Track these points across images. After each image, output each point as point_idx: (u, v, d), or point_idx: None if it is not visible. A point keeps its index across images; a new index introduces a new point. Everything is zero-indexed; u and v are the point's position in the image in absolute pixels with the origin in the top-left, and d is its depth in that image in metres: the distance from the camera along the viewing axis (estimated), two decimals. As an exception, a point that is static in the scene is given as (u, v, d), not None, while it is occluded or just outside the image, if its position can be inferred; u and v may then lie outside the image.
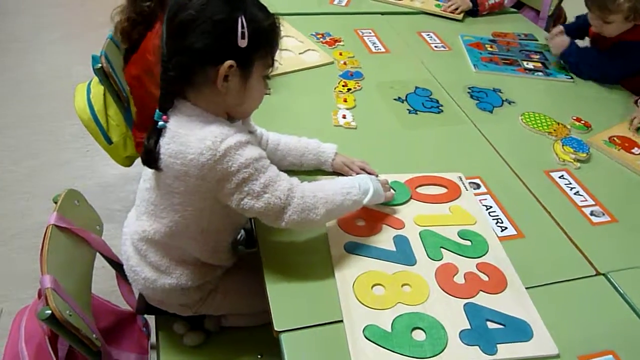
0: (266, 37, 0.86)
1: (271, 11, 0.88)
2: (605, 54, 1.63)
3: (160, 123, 0.85)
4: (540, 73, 1.69)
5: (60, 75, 2.82)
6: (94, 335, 0.89)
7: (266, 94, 1.28)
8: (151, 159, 0.86)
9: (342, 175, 1.12)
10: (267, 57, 0.88)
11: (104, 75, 1.43)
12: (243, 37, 0.80)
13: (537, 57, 1.79)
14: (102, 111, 1.53)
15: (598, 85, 1.65)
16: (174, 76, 0.82)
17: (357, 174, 1.10)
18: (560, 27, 1.83)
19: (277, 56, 0.90)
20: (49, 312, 0.79)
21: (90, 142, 1.94)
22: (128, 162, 1.67)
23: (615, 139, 1.37)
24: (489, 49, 1.80)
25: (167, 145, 0.84)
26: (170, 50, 0.82)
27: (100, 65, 1.41)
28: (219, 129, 0.82)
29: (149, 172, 0.91)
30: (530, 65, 1.73)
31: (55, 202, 0.98)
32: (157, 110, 0.86)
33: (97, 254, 1.09)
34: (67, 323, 0.81)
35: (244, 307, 1.09)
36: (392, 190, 1.08)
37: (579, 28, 1.82)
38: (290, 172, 1.10)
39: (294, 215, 0.86)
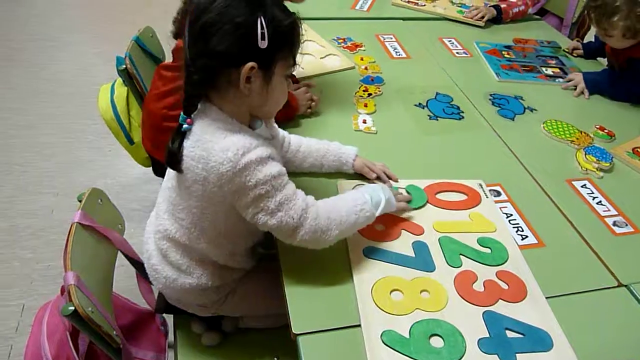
0: (287, 36, 0.86)
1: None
2: (628, 75, 1.58)
3: (185, 126, 0.86)
4: (560, 79, 1.67)
5: (85, 75, 2.87)
6: (115, 333, 0.90)
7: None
8: (174, 161, 0.87)
9: (363, 176, 1.14)
10: (288, 57, 0.88)
11: (127, 77, 1.45)
12: (263, 38, 0.80)
13: (554, 62, 1.78)
14: (124, 112, 1.56)
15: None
16: (197, 79, 0.83)
17: (378, 175, 1.12)
18: (577, 43, 1.84)
19: (298, 56, 0.91)
20: (72, 308, 0.80)
21: (112, 142, 1.97)
22: (149, 162, 1.68)
23: (639, 150, 1.35)
24: (506, 55, 1.78)
25: (190, 148, 0.85)
26: (193, 54, 0.82)
27: (124, 66, 1.44)
28: (242, 140, 0.83)
29: (172, 171, 0.93)
30: (550, 72, 1.71)
31: (80, 201, 1.00)
32: (182, 114, 0.87)
33: (118, 252, 1.10)
34: (89, 319, 0.82)
35: (262, 309, 1.09)
36: (406, 194, 1.09)
37: (597, 48, 1.80)
38: (311, 175, 1.13)
39: (305, 236, 0.87)
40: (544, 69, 1.73)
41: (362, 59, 1.65)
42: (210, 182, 0.84)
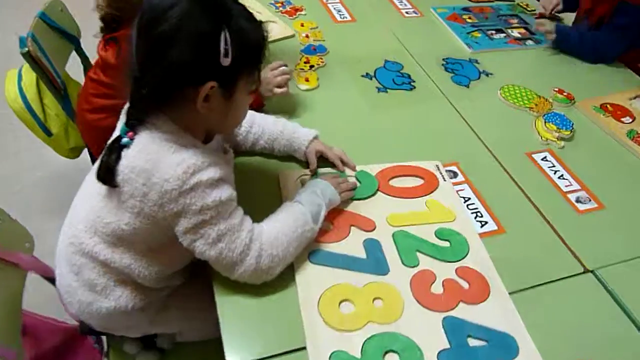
0: (253, 52, 0.76)
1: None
2: (599, 33, 1.47)
3: (125, 139, 0.75)
4: (530, 42, 1.56)
5: (8, 56, 2.58)
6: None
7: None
8: (108, 177, 0.76)
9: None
10: (253, 72, 0.78)
11: (32, 61, 1.25)
12: (226, 55, 0.70)
13: (516, 21, 1.67)
14: (36, 100, 1.36)
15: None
16: (147, 94, 0.72)
17: (332, 163, 1.03)
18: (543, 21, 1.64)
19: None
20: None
21: (37, 131, 1.77)
22: (74, 154, 1.51)
23: (607, 105, 1.29)
24: (469, 20, 1.64)
25: (132, 159, 0.74)
26: (143, 66, 0.71)
27: (27, 49, 1.24)
28: (194, 157, 0.73)
29: None
30: (516, 33, 1.59)
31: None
32: (123, 125, 0.75)
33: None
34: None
35: (198, 322, 0.98)
36: (355, 181, 1.00)
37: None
38: (256, 160, 1.04)
39: (245, 274, 0.78)
40: (509, 30, 1.60)
41: (302, 25, 1.49)
42: (151, 200, 0.73)
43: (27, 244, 0.95)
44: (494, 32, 1.59)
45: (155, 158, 0.73)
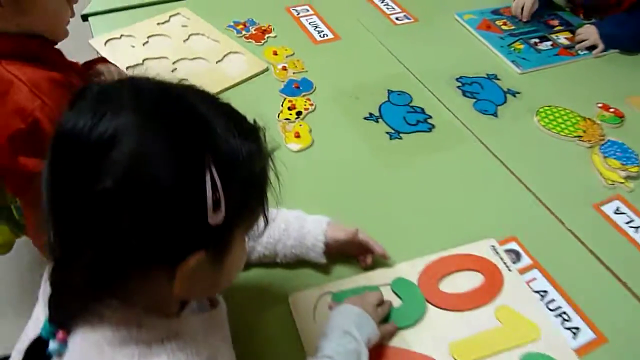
0: (256, 189, 0.48)
1: None
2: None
3: (52, 345, 0.44)
4: (583, 50, 1.26)
5: None
6: None
7: None
8: None
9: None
10: (254, 215, 0.50)
11: None
12: (217, 206, 0.41)
13: (557, 22, 1.35)
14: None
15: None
16: (81, 281, 0.43)
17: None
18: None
19: None
20: None
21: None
22: (4, 250, 1.18)
23: None
24: (505, 27, 1.32)
25: None
26: (68, 244, 0.42)
27: None
28: None
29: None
30: (563, 39, 1.29)
31: None
32: (46, 321, 0.45)
33: None
34: None
35: None
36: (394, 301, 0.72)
37: None
38: (262, 267, 0.75)
39: None
40: (554, 36, 1.30)
41: (275, 54, 1.18)
42: None
43: None
44: (537, 40, 1.28)
45: None
